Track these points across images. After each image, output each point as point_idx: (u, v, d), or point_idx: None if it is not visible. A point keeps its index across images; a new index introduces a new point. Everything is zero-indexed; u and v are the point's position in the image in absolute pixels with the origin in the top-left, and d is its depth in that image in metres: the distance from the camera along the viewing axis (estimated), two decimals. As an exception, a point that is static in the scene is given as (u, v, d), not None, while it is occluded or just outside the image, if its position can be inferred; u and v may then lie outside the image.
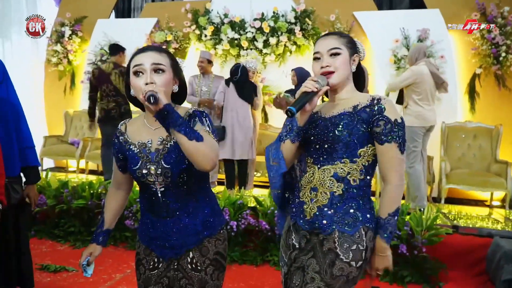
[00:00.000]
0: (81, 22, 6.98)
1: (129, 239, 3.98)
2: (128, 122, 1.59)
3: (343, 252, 1.44)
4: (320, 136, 1.50)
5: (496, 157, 5.02)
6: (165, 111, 1.31)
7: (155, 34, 6.44)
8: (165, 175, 1.45)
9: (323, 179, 1.49)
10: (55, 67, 6.99)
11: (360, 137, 1.46)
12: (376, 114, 1.45)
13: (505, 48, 5.12)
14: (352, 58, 1.53)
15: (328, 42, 1.51)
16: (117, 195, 1.67)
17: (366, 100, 1.49)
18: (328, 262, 1.44)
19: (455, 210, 4.48)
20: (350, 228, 1.45)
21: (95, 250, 1.62)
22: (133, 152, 1.50)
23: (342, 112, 1.50)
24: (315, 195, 1.50)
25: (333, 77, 1.49)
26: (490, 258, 3.33)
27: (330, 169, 1.48)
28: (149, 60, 1.40)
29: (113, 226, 1.68)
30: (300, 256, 1.53)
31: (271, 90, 5.96)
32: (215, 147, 1.38)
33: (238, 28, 6.15)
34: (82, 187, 4.26)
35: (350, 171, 1.47)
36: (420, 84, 4.05)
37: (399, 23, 5.55)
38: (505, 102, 5.32)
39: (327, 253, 1.45)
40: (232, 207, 3.76)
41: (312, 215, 1.50)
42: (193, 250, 1.52)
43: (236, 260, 3.65)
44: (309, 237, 1.52)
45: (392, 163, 1.46)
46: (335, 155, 1.47)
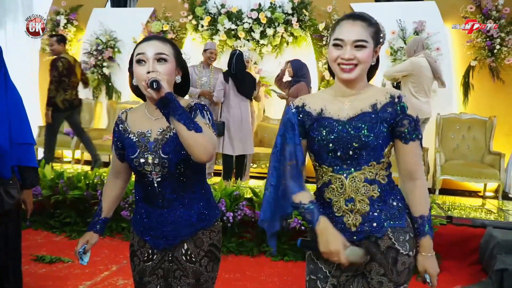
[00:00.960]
0: (76, 11, 6.91)
1: (125, 230, 3.98)
2: (129, 110, 1.59)
3: (402, 246, 1.39)
4: (341, 143, 1.39)
5: (490, 149, 5.07)
6: (166, 99, 1.30)
7: (151, 24, 6.40)
8: (162, 165, 1.46)
9: (356, 187, 1.39)
10: (50, 56, 6.91)
11: (385, 138, 1.39)
12: (400, 113, 1.39)
13: (499, 40, 5.15)
14: (375, 50, 1.41)
15: (356, 31, 1.35)
16: (115, 183, 1.67)
17: (383, 97, 1.41)
18: (391, 261, 1.38)
19: (449, 201, 4.52)
20: (399, 220, 1.41)
21: (92, 238, 1.62)
22: (131, 140, 1.50)
23: (361, 114, 1.39)
24: (353, 205, 1.40)
25: (353, 72, 1.37)
26: (484, 248, 3.38)
27: (359, 175, 1.39)
28: (152, 49, 1.41)
29: (110, 215, 1.67)
30: None
31: (268, 81, 5.96)
32: (213, 139, 1.38)
33: (235, 18, 6.12)
34: (78, 177, 4.26)
35: (378, 172, 1.41)
36: (418, 76, 4.07)
37: (395, 15, 5.56)
38: (499, 94, 5.36)
39: (387, 252, 1.39)
40: (228, 198, 3.77)
41: (358, 225, 1.40)
42: (188, 241, 1.53)
43: (233, 251, 3.67)
44: (357, 243, 1.41)
45: (418, 159, 1.43)
46: (362, 160, 1.39)
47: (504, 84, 5.30)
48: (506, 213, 4.09)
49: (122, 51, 6.62)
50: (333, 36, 1.40)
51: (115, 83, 6.74)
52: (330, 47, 1.41)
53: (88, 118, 6.69)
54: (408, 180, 1.44)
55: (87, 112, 6.71)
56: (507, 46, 5.16)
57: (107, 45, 6.56)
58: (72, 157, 6.24)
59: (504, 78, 5.29)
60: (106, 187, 1.68)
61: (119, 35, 6.62)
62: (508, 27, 5.15)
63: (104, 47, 6.55)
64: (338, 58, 1.37)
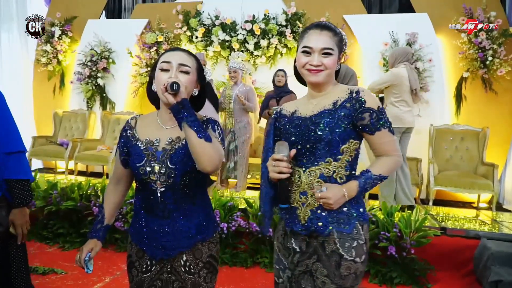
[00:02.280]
0: (71, 22, 6.93)
1: (118, 241, 3.96)
2: (139, 117, 1.60)
3: (346, 252, 1.45)
4: (301, 136, 1.49)
5: (483, 159, 5.10)
6: (182, 104, 1.33)
7: (146, 35, 6.42)
8: (168, 175, 1.46)
9: (311, 182, 1.48)
10: (44, 67, 6.93)
11: (342, 134, 1.46)
12: (357, 108, 1.46)
13: (491, 52, 5.20)
14: (339, 57, 1.54)
15: (323, 40, 1.48)
16: (116, 190, 1.66)
17: (344, 94, 1.50)
18: (334, 264, 1.45)
19: (443, 212, 4.53)
20: (346, 226, 1.46)
21: (96, 245, 1.59)
22: (138, 148, 1.50)
23: (322, 111, 1.49)
24: (305, 198, 1.49)
25: (320, 75, 1.49)
26: (478, 259, 3.38)
27: (315, 170, 1.48)
28: (177, 58, 1.45)
29: (112, 222, 1.66)
30: (303, 259, 1.51)
31: (262, 92, 5.98)
32: (221, 152, 1.40)
33: (229, 30, 6.16)
34: (71, 188, 4.23)
35: (335, 170, 1.47)
36: (399, 86, 4.12)
37: (388, 27, 5.61)
38: (491, 105, 5.40)
39: (330, 255, 1.46)
40: (222, 209, 3.76)
41: (306, 219, 1.49)
42: (187, 252, 1.53)
43: (227, 262, 3.65)
44: (309, 240, 1.51)
45: (389, 145, 1.50)
46: (318, 154, 1.47)
47: (497, 95, 5.35)
48: (500, 224, 4.10)
49: (117, 62, 6.64)
50: (301, 44, 1.52)
51: (109, 93, 6.73)
52: (299, 54, 1.53)
53: (82, 129, 6.68)
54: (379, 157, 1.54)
55: (81, 122, 6.71)
56: (499, 57, 5.20)
57: (102, 56, 6.57)
58: (66, 167, 6.20)
59: (497, 89, 5.34)
60: (108, 193, 1.66)
61: (113, 46, 6.63)
62: (500, 39, 5.21)
63: (98, 58, 6.56)
64: (306, 64, 1.50)
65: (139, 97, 6.58)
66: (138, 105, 6.60)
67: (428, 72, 5.46)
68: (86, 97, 6.74)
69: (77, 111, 6.79)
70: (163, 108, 1.51)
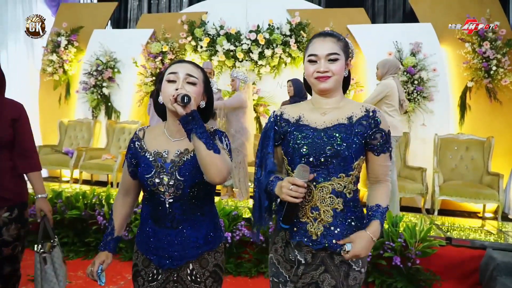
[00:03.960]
0: (77, 32, 7.01)
1: (123, 250, 3.95)
2: (146, 128, 1.60)
3: (354, 262, 1.48)
4: (315, 149, 1.45)
5: (488, 169, 5.07)
6: (191, 115, 1.33)
7: (151, 45, 6.47)
8: (177, 187, 1.47)
9: (323, 197, 1.46)
10: (50, 77, 7.00)
11: (356, 150, 1.45)
12: (373, 127, 1.46)
13: (495, 62, 5.21)
14: (346, 63, 1.52)
15: (327, 46, 1.47)
16: (125, 201, 1.66)
17: (359, 111, 1.48)
18: (343, 275, 1.46)
19: (448, 222, 4.50)
20: None
21: (107, 257, 1.61)
22: (147, 159, 1.51)
23: (337, 124, 1.47)
24: (317, 214, 1.47)
25: (328, 81, 1.47)
26: (483, 269, 3.36)
27: (327, 186, 1.46)
28: (184, 70, 1.46)
29: (121, 233, 1.67)
30: (308, 271, 1.49)
31: (266, 101, 6.01)
32: (229, 163, 1.41)
33: (233, 39, 6.21)
34: (76, 197, 4.24)
35: (346, 185, 1.46)
36: (392, 96, 4.16)
37: (392, 37, 5.64)
38: (496, 115, 5.40)
39: (340, 265, 1.46)
40: (226, 218, 3.76)
41: (319, 234, 1.47)
42: (193, 262, 1.53)
43: (231, 272, 3.64)
44: (315, 252, 1.49)
45: (385, 169, 1.52)
46: (332, 170, 1.44)
47: (501, 105, 5.35)
48: (506, 234, 4.07)
49: (122, 71, 6.69)
50: (307, 53, 1.52)
51: (115, 103, 6.78)
52: (306, 64, 1.52)
53: (87, 138, 6.71)
54: (374, 183, 1.54)
55: (86, 131, 6.74)
56: (503, 67, 5.21)
57: (107, 66, 6.63)
58: (71, 176, 6.22)
59: (501, 99, 5.34)
60: (116, 205, 1.67)
61: (119, 55, 6.69)
62: (504, 49, 5.22)
63: (104, 67, 6.62)
64: (314, 72, 1.48)
65: (144, 106, 6.61)
66: (143, 114, 6.64)
67: (432, 81, 5.47)
68: (91, 106, 6.79)
69: (82, 120, 6.84)
70: (170, 120, 1.52)
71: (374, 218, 1.45)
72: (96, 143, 6.76)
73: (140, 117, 6.66)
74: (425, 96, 5.46)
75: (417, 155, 5.49)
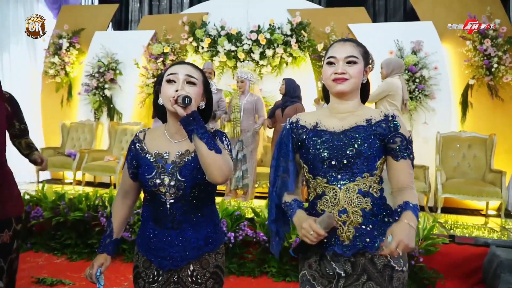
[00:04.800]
0: (78, 34, 7.02)
1: (126, 252, 3.96)
2: (147, 130, 1.61)
3: (397, 263, 1.42)
4: (336, 152, 1.43)
5: (491, 167, 5.07)
6: (192, 116, 1.35)
7: (152, 46, 6.49)
8: (178, 187, 1.47)
9: (350, 198, 1.42)
10: (52, 79, 7.01)
11: (377, 150, 1.44)
12: (392, 131, 1.45)
13: (497, 59, 5.20)
14: (365, 69, 1.51)
15: (346, 49, 1.47)
16: (124, 203, 1.66)
17: (378, 115, 1.48)
18: (387, 279, 1.41)
19: (452, 220, 4.50)
20: None
21: (106, 260, 1.59)
22: (148, 160, 1.51)
23: (356, 126, 1.46)
24: (346, 216, 1.42)
25: (345, 83, 1.45)
26: (487, 267, 3.35)
27: (353, 186, 1.43)
28: (183, 71, 1.46)
29: (120, 236, 1.65)
30: (350, 283, 1.43)
31: (268, 101, 6.01)
32: (230, 163, 1.41)
33: (234, 40, 6.22)
34: (79, 199, 4.25)
35: (371, 184, 1.44)
36: (394, 95, 4.16)
37: (393, 35, 5.63)
38: (498, 112, 5.39)
39: (383, 270, 1.41)
40: (229, 218, 3.76)
41: (351, 238, 1.42)
42: (194, 263, 1.53)
43: (234, 272, 3.65)
44: (354, 259, 1.43)
45: (409, 178, 1.45)
46: (356, 170, 1.43)
47: (503, 102, 5.34)
48: (509, 231, 4.06)
49: (124, 73, 6.70)
50: (327, 56, 1.51)
51: (117, 104, 6.79)
52: (324, 66, 1.52)
53: (89, 139, 6.73)
54: (398, 191, 1.45)
55: (89, 133, 6.76)
56: (504, 64, 5.20)
57: (109, 67, 6.64)
58: (74, 178, 6.24)
59: (503, 96, 5.33)
60: (115, 207, 1.66)
61: (120, 57, 6.71)
62: (505, 46, 5.21)
63: (105, 69, 6.63)
64: (332, 74, 1.47)
65: (146, 108, 6.63)
66: (145, 116, 6.65)
67: (434, 79, 5.47)
68: (93, 108, 6.80)
69: (84, 122, 6.85)
70: (171, 121, 1.52)
71: (404, 210, 1.35)
72: (98, 144, 6.77)
73: (142, 119, 6.67)
74: (427, 95, 5.45)
75: (419, 153, 5.38)
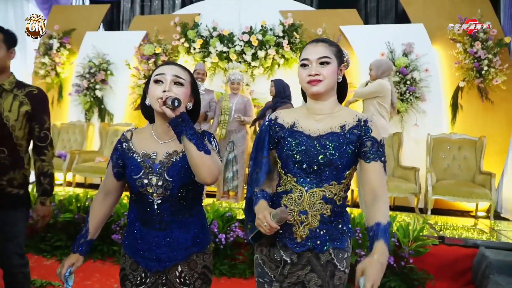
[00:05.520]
0: (69, 34, 6.97)
1: (116, 253, 3.94)
2: (134, 130, 1.60)
3: (340, 262, 1.50)
4: (308, 156, 1.48)
5: (481, 168, 5.11)
6: (181, 117, 1.34)
7: (144, 47, 6.46)
8: (165, 187, 1.47)
9: (313, 203, 1.48)
10: (42, 79, 6.95)
11: (348, 159, 1.47)
12: (363, 135, 1.48)
13: (487, 62, 5.24)
14: (339, 68, 1.53)
15: (319, 50, 1.49)
16: (104, 203, 1.63)
17: (352, 120, 1.50)
18: (329, 274, 1.49)
19: (441, 221, 4.53)
20: (340, 242, 1.51)
21: (78, 260, 1.56)
22: (135, 160, 1.50)
23: (330, 132, 1.49)
24: (305, 217, 1.49)
25: (320, 85, 1.48)
26: (476, 268, 3.38)
27: (319, 192, 1.48)
28: (171, 71, 1.46)
29: (96, 236, 1.62)
30: (294, 271, 1.51)
31: (260, 102, 6.00)
32: (219, 164, 1.42)
33: (226, 41, 6.21)
34: (69, 200, 4.22)
35: (337, 192, 1.49)
36: (385, 97, 4.19)
37: (384, 37, 5.66)
38: (488, 114, 5.43)
39: (326, 265, 1.49)
40: (220, 220, 3.76)
41: (304, 237, 1.50)
42: (182, 264, 1.53)
43: (225, 273, 3.64)
44: (301, 252, 1.51)
45: (381, 180, 1.47)
46: (324, 177, 1.47)
47: (493, 105, 5.38)
48: (498, 233, 4.10)
49: (115, 73, 6.66)
50: (300, 58, 1.54)
51: (108, 105, 6.75)
52: (299, 69, 1.54)
53: (80, 140, 6.68)
54: (373, 200, 1.44)
55: (79, 134, 6.71)
56: (494, 67, 5.25)
57: (100, 68, 6.60)
58: (64, 179, 6.19)
59: (493, 99, 5.37)
60: (95, 206, 1.62)
61: (111, 58, 6.67)
62: (495, 49, 5.26)
63: (96, 70, 6.59)
64: (306, 76, 1.50)
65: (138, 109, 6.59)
66: (136, 117, 6.62)
67: (425, 81, 5.50)
68: (84, 109, 6.76)
69: (75, 123, 6.80)
70: (158, 122, 1.52)
71: (376, 239, 1.33)
72: (89, 145, 6.72)
73: (133, 119, 6.63)
74: (418, 96, 5.49)
75: (410, 155, 5.51)
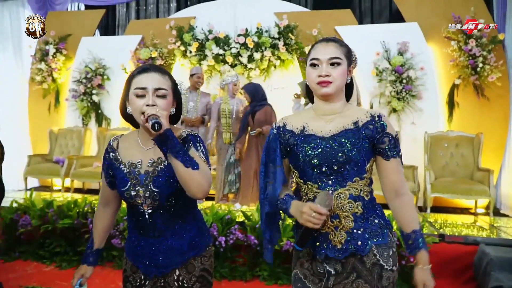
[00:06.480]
0: (65, 40, 6.97)
1: (116, 258, 3.92)
2: (120, 138, 1.59)
3: (386, 262, 1.43)
4: (326, 157, 1.43)
5: (479, 165, 5.12)
6: (165, 136, 1.31)
7: (140, 51, 6.46)
8: (153, 198, 1.46)
9: (341, 204, 1.44)
10: (39, 85, 6.94)
11: (367, 153, 1.45)
12: (380, 131, 1.45)
13: (481, 59, 5.26)
14: (349, 69, 1.50)
15: (329, 50, 1.46)
16: (105, 213, 1.66)
17: (364, 116, 1.47)
18: (376, 277, 1.42)
19: (441, 219, 4.53)
20: (382, 237, 1.46)
21: (87, 271, 1.61)
22: (122, 172, 1.50)
23: (344, 130, 1.46)
24: (338, 222, 1.44)
25: (330, 86, 1.45)
26: (477, 265, 3.38)
27: (344, 192, 1.44)
28: (152, 83, 1.41)
29: (103, 245, 1.66)
30: (340, 281, 1.45)
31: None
32: (209, 176, 1.38)
33: (222, 44, 6.21)
34: (68, 206, 4.19)
35: (362, 188, 1.45)
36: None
37: (379, 37, 5.67)
38: (484, 111, 5.44)
39: (372, 268, 1.43)
40: (220, 223, 3.75)
41: (343, 242, 1.44)
42: (179, 268, 1.53)
43: (226, 276, 3.63)
44: (344, 260, 1.45)
45: (401, 175, 1.48)
46: (346, 175, 1.43)
47: (489, 101, 5.40)
48: (498, 229, 4.10)
49: (112, 78, 6.66)
50: (310, 57, 1.50)
51: (105, 110, 6.75)
52: (308, 68, 1.50)
53: (78, 145, 6.67)
54: (394, 197, 1.48)
55: (77, 139, 6.70)
56: (489, 64, 5.26)
57: (96, 73, 6.59)
58: (62, 185, 6.18)
59: (489, 95, 5.38)
60: (96, 217, 1.66)
61: (108, 62, 6.66)
62: (490, 46, 5.27)
63: (93, 74, 6.58)
64: (316, 77, 1.46)
65: (134, 113, 6.57)
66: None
67: (421, 80, 5.51)
68: (81, 114, 6.75)
69: (72, 128, 6.79)
70: (142, 129, 1.50)
71: (417, 250, 1.46)
72: (87, 151, 6.71)
73: (130, 124, 6.62)
74: (414, 95, 5.50)
75: (408, 153, 5.47)
